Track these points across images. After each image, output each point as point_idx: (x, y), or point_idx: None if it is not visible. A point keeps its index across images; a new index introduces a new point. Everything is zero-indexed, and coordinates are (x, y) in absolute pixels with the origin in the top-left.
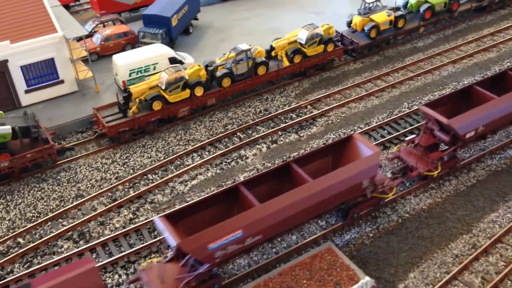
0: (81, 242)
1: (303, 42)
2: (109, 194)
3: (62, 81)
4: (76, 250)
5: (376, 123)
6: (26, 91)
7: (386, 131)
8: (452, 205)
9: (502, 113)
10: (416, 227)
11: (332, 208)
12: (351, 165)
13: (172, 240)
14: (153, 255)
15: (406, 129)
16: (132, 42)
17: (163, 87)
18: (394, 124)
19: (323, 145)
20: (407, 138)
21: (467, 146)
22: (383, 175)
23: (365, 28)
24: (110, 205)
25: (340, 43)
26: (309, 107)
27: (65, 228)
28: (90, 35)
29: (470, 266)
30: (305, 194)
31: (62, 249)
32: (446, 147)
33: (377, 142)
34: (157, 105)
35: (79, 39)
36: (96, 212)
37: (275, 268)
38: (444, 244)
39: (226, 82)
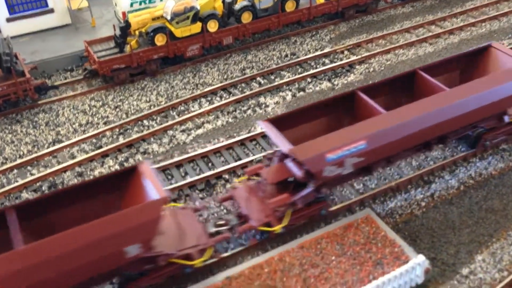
0: None
1: None
2: (94, 140)
3: (51, 10)
4: None
5: None
6: (8, 20)
7: None
8: None
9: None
10: (483, 196)
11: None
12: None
13: (284, 145)
14: None
15: None
16: None
17: (169, 18)
18: None
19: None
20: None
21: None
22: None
23: None
24: (92, 153)
25: None
26: (346, 52)
27: (33, 177)
28: None
29: None
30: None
31: None
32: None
33: None
34: (160, 39)
35: None
36: (75, 161)
37: (295, 238)
38: None
39: (247, 18)
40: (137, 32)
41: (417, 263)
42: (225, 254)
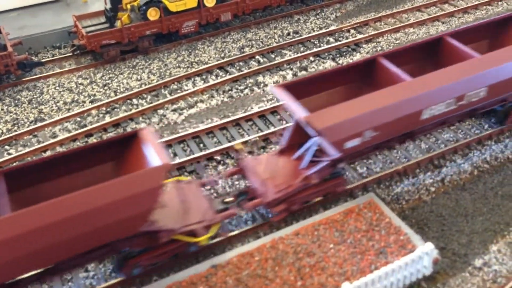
0: None
1: None
2: (78, 119)
3: None
4: None
5: None
6: None
7: None
8: None
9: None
10: (499, 182)
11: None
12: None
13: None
14: None
15: None
16: None
17: None
18: None
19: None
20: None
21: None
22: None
23: None
24: (75, 132)
25: None
26: (352, 31)
27: (11, 156)
28: None
29: None
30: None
31: None
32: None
33: None
34: (153, 14)
35: None
36: (56, 140)
37: (291, 225)
38: None
39: None
40: (129, 6)
41: (425, 252)
42: (232, 233)
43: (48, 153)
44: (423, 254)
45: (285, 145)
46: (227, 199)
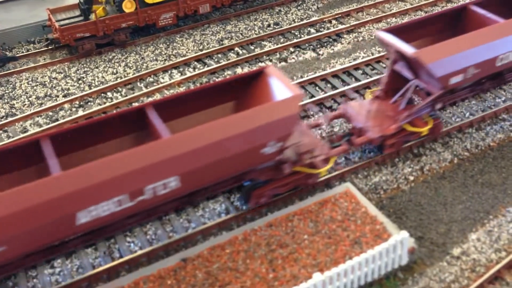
0: None
1: None
2: (50, 113)
3: None
4: None
5: None
6: None
7: None
8: None
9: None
10: (480, 170)
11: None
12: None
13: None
14: None
15: None
16: None
17: None
18: None
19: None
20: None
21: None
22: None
23: None
24: (46, 127)
25: None
26: (333, 22)
27: None
28: None
29: None
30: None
31: None
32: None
33: None
34: (129, 6)
35: None
36: (26, 135)
37: (264, 216)
38: None
39: None
40: None
41: (399, 240)
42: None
43: None
44: (397, 243)
45: None
46: None
